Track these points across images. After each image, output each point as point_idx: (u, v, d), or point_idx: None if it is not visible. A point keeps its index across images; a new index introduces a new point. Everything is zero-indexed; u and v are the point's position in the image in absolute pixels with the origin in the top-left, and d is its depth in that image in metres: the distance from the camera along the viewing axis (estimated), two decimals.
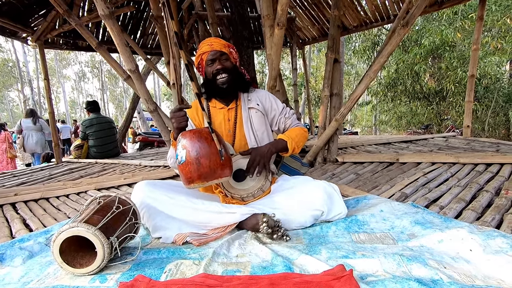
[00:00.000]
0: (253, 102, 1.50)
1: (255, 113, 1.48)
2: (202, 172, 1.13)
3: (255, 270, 0.92)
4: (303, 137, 1.46)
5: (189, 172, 1.14)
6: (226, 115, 1.48)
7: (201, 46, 1.44)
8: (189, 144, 1.15)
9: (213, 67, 1.41)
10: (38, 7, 3.62)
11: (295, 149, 1.40)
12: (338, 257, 0.96)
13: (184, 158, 1.14)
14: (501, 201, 1.41)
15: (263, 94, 1.56)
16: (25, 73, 20.10)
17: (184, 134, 1.18)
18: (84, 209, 1.07)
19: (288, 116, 1.54)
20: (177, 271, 0.93)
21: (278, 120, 1.54)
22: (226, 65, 1.41)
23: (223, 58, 1.41)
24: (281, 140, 1.40)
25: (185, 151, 1.14)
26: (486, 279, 0.81)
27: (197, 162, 1.13)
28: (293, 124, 1.53)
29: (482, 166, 2.10)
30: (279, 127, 1.55)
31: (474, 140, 3.49)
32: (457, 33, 7.71)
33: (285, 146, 1.39)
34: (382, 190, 1.79)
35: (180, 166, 1.15)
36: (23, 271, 0.99)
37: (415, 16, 2.19)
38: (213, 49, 1.39)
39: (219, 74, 1.40)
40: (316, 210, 1.24)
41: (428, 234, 1.06)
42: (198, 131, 1.19)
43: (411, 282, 0.76)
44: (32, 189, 2.46)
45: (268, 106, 1.53)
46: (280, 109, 1.54)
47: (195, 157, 1.13)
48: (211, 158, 1.14)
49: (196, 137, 1.16)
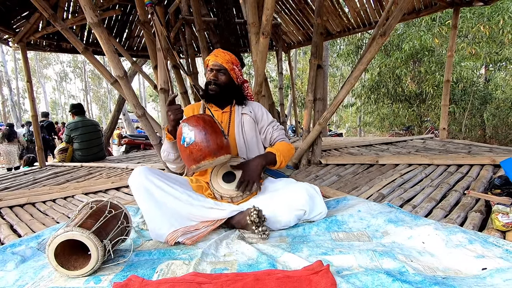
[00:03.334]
0: (246, 109, 1.62)
1: (247, 119, 1.59)
2: (212, 148, 1.22)
3: (242, 267, 1.00)
4: (289, 152, 1.56)
5: (199, 151, 1.22)
6: (219, 118, 1.57)
7: (211, 53, 1.58)
8: (196, 125, 1.24)
9: (209, 75, 1.54)
10: (21, 8, 3.56)
11: (282, 162, 1.49)
12: (318, 254, 1.04)
13: (193, 138, 1.22)
14: (467, 200, 1.55)
15: (256, 105, 1.68)
16: (3, 73, 19.38)
17: (188, 119, 1.28)
18: (77, 214, 1.11)
19: (276, 128, 1.65)
20: (168, 271, 0.99)
21: (266, 130, 1.64)
22: (219, 79, 1.53)
23: (220, 72, 1.53)
24: (270, 153, 1.48)
25: (193, 132, 1.23)
26: (446, 270, 0.92)
27: (206, 140, 1.22)
28: (279, 137, 1.63)
29: (453, 167, 2.25)
30: (266, 137, 1.65)
31: (449, 142, 3.70)
32: (435, 39, 8.04)
33: (273, 159, 1.47)
34: (361, 191, 1.90)
35: (189, 147, 1.23)
36: (17, 275, 1.02)
37: (392, 26, 2.33)
38: (216, 61, 1.52)
39: (211, 84, 1.53)
40: (299, 210, 1.32)
41: (399, 232, 1.17)
42: (202, 115, 1.30)
43: (381, 274, 0.85)
44: (17, 194, 2.44)
45: (259, 115, 1.64)
46: (269, 121, 1.65)
47: (204, 136, 1.22)
48: (217, 136, 1.25)
49: (202, 119, 1.26)
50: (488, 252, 0.95)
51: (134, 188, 1.27)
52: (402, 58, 8.71)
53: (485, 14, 7.29)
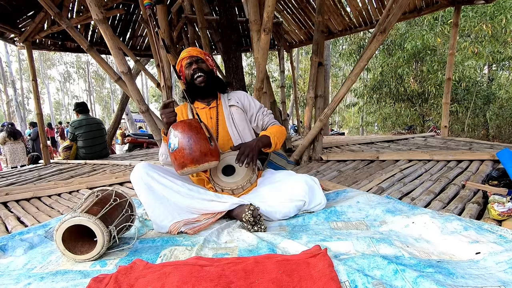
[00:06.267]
0: (233, 100, 1.64)
1: (236, 110, 1.62)
2: (194, 156, 1.24)
3: (242, 253, 1.03)
4: (282, 133, 1.59)
5: (182, 157, 1.24)
6: (208, 114, 1.60)
7: (180, 55, 1.60)
8: (181, 132, 1.26)
9: (190, 68, 1.57)
10: (27, 8, 3.62)
11: (277, 144, 1.53)
12: (316, 241, 1.07)
13: (176, 145, 1.25)
14: (465, 192, 1.57)
15: (241, 94, 1.70)
16: (8, 74, 19.58)
17: (175, 125, 1.30)
18: (83, 202, 1.15)
19: (265, 113, 1.68)
20: (171, 256, 1.03)
21: (257, 117, 1.67)
22: (202, 67, 1.57)
23: (199, 62, 1.58)
24: (264, 136, 1.52)
25: (177, 139, 1.26)
26: (441, 254, 0.94)
27: (189, 147, 1.24)
28: (270, 121, 1.67)
29: (453, 163, 2.27)
30: (257, 124, 1.68)
31: (450, 140, 3.70)
32: (437, 38, 8.04)
33: (269, 142, 1.50)
34: (361, 185, 1.93)
35: (173, 153, 1.26)
36: (26, 259, 1.06)
37: (391, 23, 2.35)
38: (191, 54, 1.57)
39: (196, 74, 1.55)
40: (298, 201, 1.35)
41: (397, 221, 1.19)
42: (188, 121, 1.31)
43: (377, 258, 0.88)
44: (23, 189, 2.48)
45: (246, 104, 1.67)
46: (257, 107, 1.68)
47: (187, 143, 1.24)
48: (201, 143, 1.26)
49: (187, 126, 1.28)
50: (482, 238, 0.97)
51: (136, 183, 1.31)
52: (405, 58, 8.72)
53: (488, 13, 7.28)
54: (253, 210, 1.24)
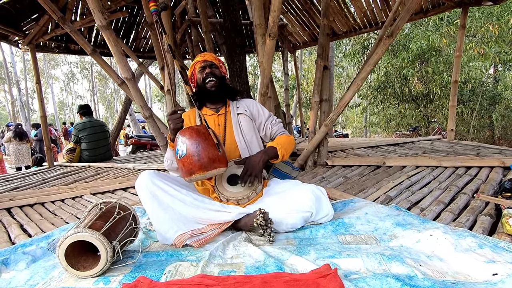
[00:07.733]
0: (241, 108, 1.62)
1: (244, 118, 1.59)
2: (202, 162, 1.21)
3: (249, 270, 1.00)
4: (291, 144, 1.55)
5: (190, 164, 1.22)
6: (216, 121, 1.57)
7: (195, 59, 1.60)
8: (189, 139, 1.24)
9: (203, 72, 1.55)
10: (31, 11, 3.62)
11: (284, 155, 1.49)
12: (325, 257, 1.04)
13: (185, 152, 1.23)
14: (476, 203, 1.52)
15: (250, 102, 1.68)
16: (13, 74, 19.72)
17: (183, 131, 1.28)
18: (86, 215, 1.13)
19: (274, 123, 1.65)
20: (176, 272, 1.00)
21: (265, 126, 1.64)
22: (215, 72, 1.56)
23: (213, 67, 1.57)
24: (271, 148, 1.48)
25: (185, 145, 1.23)
26: (455, 274, 0.91)
27: (197, 154, 1.22)
28: (279, 131, 1.63)
29: (462, 169, 2.23)
30: (265, 133, 1.65)
31: (457, 143, 3.65)
32: (443, 39, 7.95)
33: (275, 153, 1.47)
34: (368, 193, 1.89)
35: (181, 160, 1.23)
36: (29, 275, 1.04)
37: (399, 27, 2.31)
38: (205, 59, 1.57)
39: (208, 78, 1.54)
40: (305, 212, 1.32)
41: (408, 235, 1.16)
42: (196, 128, 1.29)
43: (389, 278, 0.85)
44: (27, 194, 2.48)
45: (255, 112, 1.64)
46: (266, 116, 1.65)
47: (195, 149, 1.22)
48: (209, 150, 1.23)
49: (195, 132, 1.26)
50: (498, 257, 0.94)
51: (141, 192, 1.29)
52: (409, 58, 8.63)
53: (494, 13, 7.19)
54: (264, 213, 1.22)
